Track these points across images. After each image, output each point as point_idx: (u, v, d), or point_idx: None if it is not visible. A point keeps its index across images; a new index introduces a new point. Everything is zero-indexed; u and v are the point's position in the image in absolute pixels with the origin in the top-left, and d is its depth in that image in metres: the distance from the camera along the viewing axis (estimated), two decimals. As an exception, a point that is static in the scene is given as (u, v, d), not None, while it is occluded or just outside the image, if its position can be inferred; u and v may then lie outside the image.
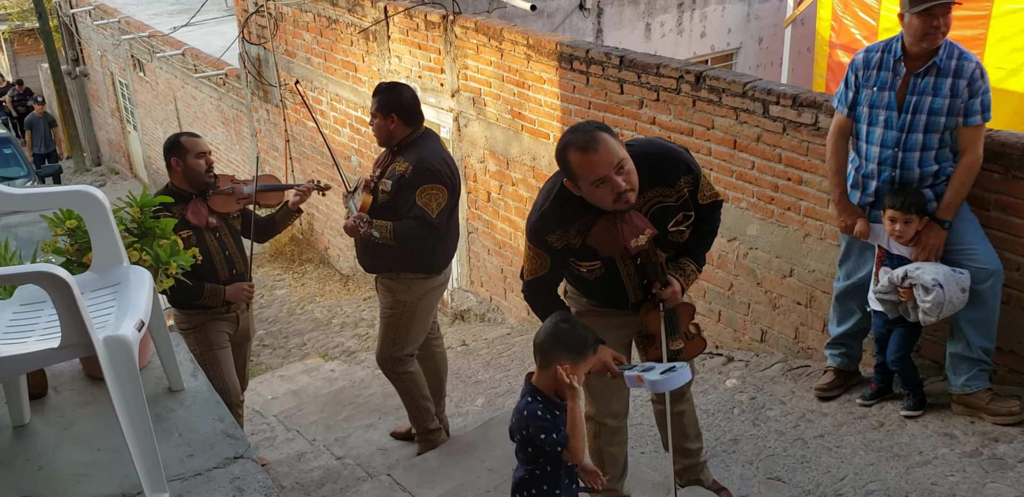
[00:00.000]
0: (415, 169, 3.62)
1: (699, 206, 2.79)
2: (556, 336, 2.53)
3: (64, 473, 2.44)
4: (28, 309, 2.59)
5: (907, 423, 3.58)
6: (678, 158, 2.71)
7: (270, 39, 8.40)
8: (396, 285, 3.86)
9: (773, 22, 9.30)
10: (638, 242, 2.66)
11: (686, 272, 2.83)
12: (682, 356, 2.98)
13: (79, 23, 15.17)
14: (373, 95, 3.76)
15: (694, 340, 3.04)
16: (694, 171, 2.72)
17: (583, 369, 2.53)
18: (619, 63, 4.98)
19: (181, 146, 3.89)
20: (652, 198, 2.68)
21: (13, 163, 11.28)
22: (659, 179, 2.66)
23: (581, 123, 2.69)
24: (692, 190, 2.73)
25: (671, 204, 2.70)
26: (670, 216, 2.72)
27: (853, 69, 3.60)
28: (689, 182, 2.70)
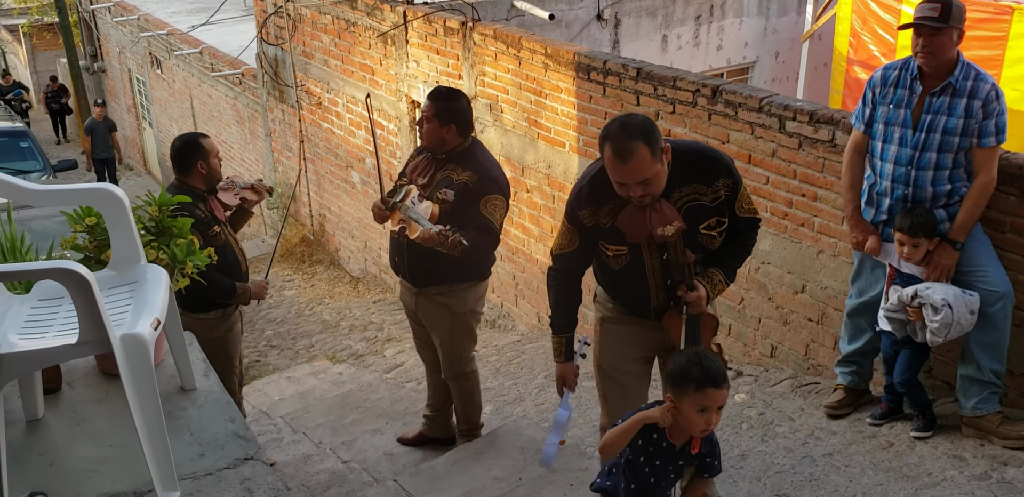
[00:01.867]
0: (480, 179, 3.61)
1: (736, 218, 2.81)
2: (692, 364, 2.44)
3: (76, 469, 2.45)
4: (46, 304, 2.60)
5: (917, 444, 3.57)
6: (720, 160, 2.77)
7: (288, 40, 8.44)
8: (451, 300, 3.81)
9: (790, 37, 9.31)
10: (665, 231, 2.69)
11: (713, 281, 2.82)
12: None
13: (98, 19, 15.26)
14: (430, 98, 3.69)
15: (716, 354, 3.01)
16: (734, 177, 2.75)
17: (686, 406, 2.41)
18: (636, 75, 4.99)
19: (203, 148, 3.90)
20: (688, 194, 2.71)
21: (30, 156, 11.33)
22: (697, 176, 2.70)
23: (633, 118, 2.67)
24: (729, 196, 2.75)
25: (706, 204, 2.72)
26: (703, 217, 2.74)
27: (871, 86, 3.62)
28: (728, 186, 2.72)
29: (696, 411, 2.39)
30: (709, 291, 2.79)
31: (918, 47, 3.40)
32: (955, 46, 3.40)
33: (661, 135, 2.65)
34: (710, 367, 2.40)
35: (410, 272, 3.83)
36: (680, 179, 2.68)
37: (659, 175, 2.62)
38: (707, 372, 2.38)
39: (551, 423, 3.10)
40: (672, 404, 2.42)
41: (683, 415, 2.42)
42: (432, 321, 3.92)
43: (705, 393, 2.37)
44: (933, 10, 3.35)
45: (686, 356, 2.47)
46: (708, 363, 2.40)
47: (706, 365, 2.39)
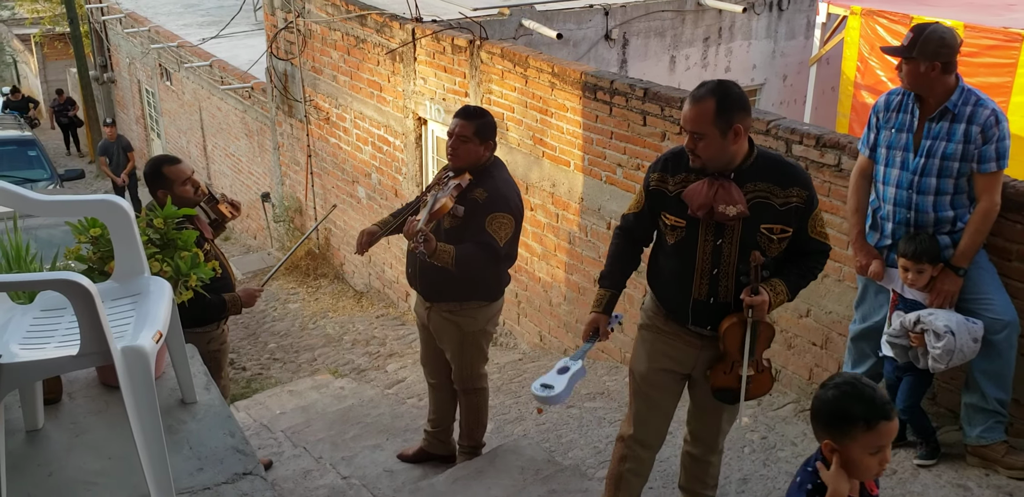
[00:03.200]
0: (491, 196, 3.63)
1: (807, 238, 2.83)
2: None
3: (74, 480, 2.43)
4: (48, 315, 2.60)
5: (920, 472, 3.54)
6: (801, 171, 2.83)
7: (298, 55, 8.49)
8: (461, 318, 3.82)
9: (798, 60, 9.34)
10: (726, 210, 2.71)
11: (776, 290, 2.80)
12: (752, 389, 2.92)
13: (109, 30, 15.37)
14: (465, 118, 3.69)
15: (763, 374, 2.94)
16: (810, 191, 2.78)
17: (855, 451, 1.98)
18: (643, 95, 5.00)
19: (164, 177, 3.79)
20: (759, 190, 2.75)
21: (37, 165, 11.37)
22: (773, 177, 2.75)
23: (730, 83, 2.74)
24: (801, 209, 2.76)
25: (774, 205, 2.75)
26: (767, 216, 2.75)
27: (875, 111, 3.64)
28: (802, 198, 2.75)
29: (869, 453, 1.96)
30: (772, 299, 2.77)
31: (901, 73, 3.45)
32: (928, 76, 3.38)
33: (745, 116, 2.69)
34: (872, 396, 1.97)
35: (421, 286, 3.85)
36: (756, 175, 2.75)
37: (715, 142, 2.68)
38: (872, 404, 1.95)
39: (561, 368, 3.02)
40: (836, 454, 1.99)
41: (852, 462, 1.98)
42: (442, 337, 3.93)
43: (878, 430, 1.94)
44: (906, 39, 3.42)
45: (833, 389, 2.02)
46: (868, 392, 1.98)
47: (867, 394, 1.97)
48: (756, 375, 2.91)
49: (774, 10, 9.12)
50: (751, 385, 2.90)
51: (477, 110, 3.79)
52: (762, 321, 2.81)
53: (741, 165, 2.75)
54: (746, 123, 2.69)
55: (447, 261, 3.55)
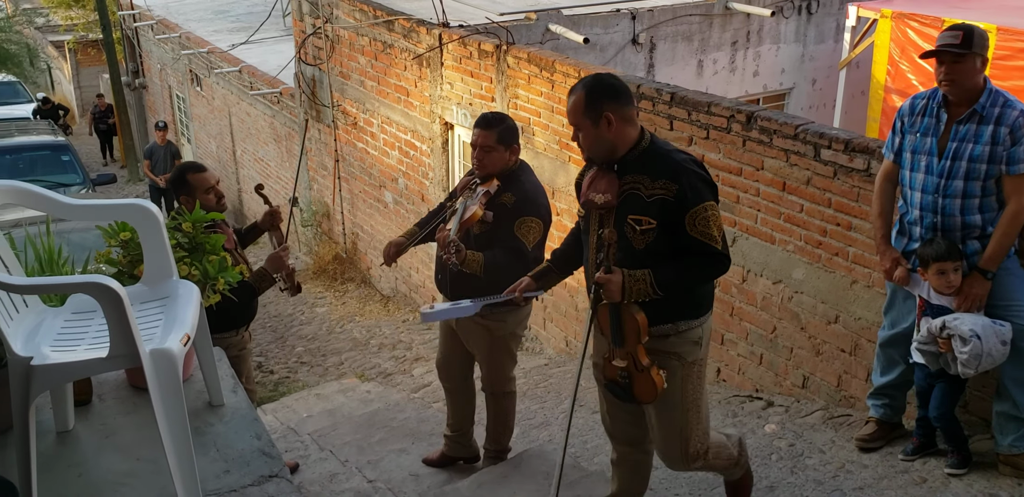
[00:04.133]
0: (518, 200, 3.64)
1: (686, 236, 2.74)
2: None
3: (103, 481, 2.46)
4: (79, 317, 2.64)
5: (951, 481, 3.49)
6: (678, 165, 2.76)
7: (326, 61, 8.55)
8: (490, 322, 3.82)
9: (828, 64, 9.26)
10: (593, 198, 2.78)
11: (636, 276, 2.74)
12: (634, 390, 2.86)
13: (141, 36, 15.58)
14: (485, 127, 3.69)
15: (643, 374, 2.83)
16: (680, 185, 2.71)
17: None
18: (670, 99, 4.99)
19: (188, 184, 3.85)
20: (634, 181, 2.78)
21: (70, 170, 11.55)
22: (647, 168, 2.77)
23: (601, 75, 2.85)
24: (669, 202, 2.70)
25: (641, 195, 2.75)
26: (634, 207, 2.76)
27: (900, 115, 3.61)
28: (670, 190, 2.70)
29: None
30: (627, 282, 2.72)
31: (940, 75, 3.40)
32: (979, 73, 3.38)
33: (617, 105, 2.74)
34: None
35: (452, 292, 3.85)
36: (637, 166, 2.78)
37: (590, 132, 2.76)
38: None
39: None
40: None
41: None
42: (471, 340, 3.94)
43: None
44: (954, 37, 3.35)
45: None
46: None
47: None
48: (634, 372, 2.84)
49: (803, 14, 9.06)
50: (631, 382, 2.85)
51: (495, 117, 3.79)
52: (625, 309, 2.77)
53: (626, 156, 2.78)
54: (620, 112, 2.74)
55: (475, 269, 3.59)
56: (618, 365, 2.86)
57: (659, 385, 2.84)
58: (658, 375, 2.85)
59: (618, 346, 2.85)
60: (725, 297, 4.92)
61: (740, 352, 4.91)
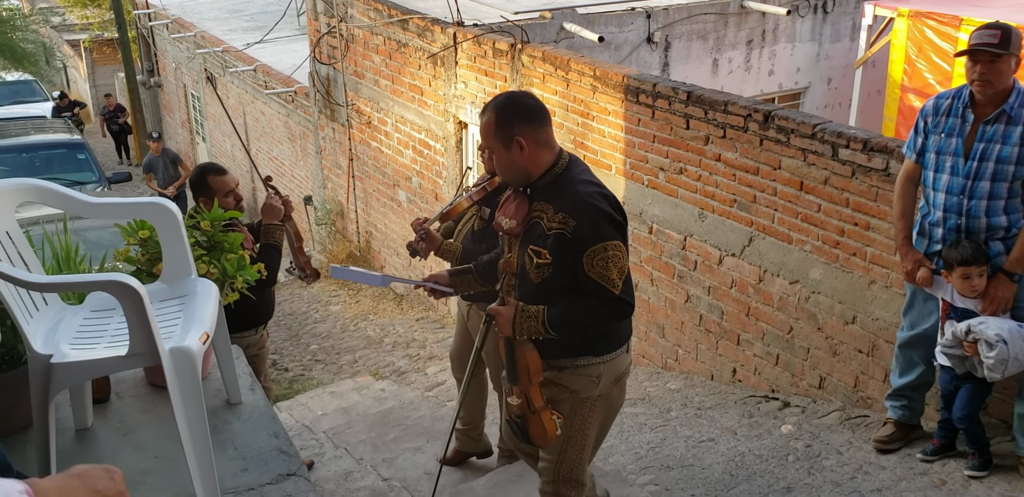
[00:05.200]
0: None
1: (582, 277, 2.54)
2: None
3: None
4: (98, 316, 2.64)
5: (971, 483, 3.46)
6: (580, 199, 2.55)
7: (340, 60, 8.56)
8: None
9: (843, 63, 9.21)
10: (501, 222, 2.71)
11: (529, 312, 2.58)
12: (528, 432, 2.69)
13: (156, 35, 15.64)
14: None
15: (536, 416, 2.66)
16: (578, 221, 2.51)
17: None
18: (686, 98, 4.97)
19: (207, 186, 3.86)
20: (540, 210, 2.61)
21: (86, 168, 11.60)
22: (553, 198, 2.59)
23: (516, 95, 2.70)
24: (565, 238, 2.52)
25: (542, 226, 2.58)
26: (535, 237, 2.59)
27: (923, 115, 3.57)
28: (567, 226, 2.51)
29: None
30: (518, 317, 2.57)
31: (974, 74, 3.35)
32: (1012, 73, 3.34)
33: (530, 128, 2.55)
34: None
35: None
36: (546, 194, 2.61)
37: (501, 155, 2.60)
38: None
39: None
40: None
41: None
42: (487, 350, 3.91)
43: None
44: (992, 36, 3.30)
45: None
46: None
47: None
48: (528, 413, 2.67)
49: (818, 12, 9.01)
50: (527, 424, 2.68)
51: None
52: (519, 344, 2.61)
53: (539, 181, 2.61)
54: (534, 135, 2.55)
55: (451, 259, 3.63)
56: (512, 403, 2.70)
57: (551, 431, 2.67)
58: (551, 420, 2.68)
59: (512, 383, 2.69)
60: (741, 297, 4.90)
61: (756, 352, 4.89)
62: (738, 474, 3.85)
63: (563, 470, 2.85)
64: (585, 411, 2.76)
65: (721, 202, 4.91)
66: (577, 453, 2.83)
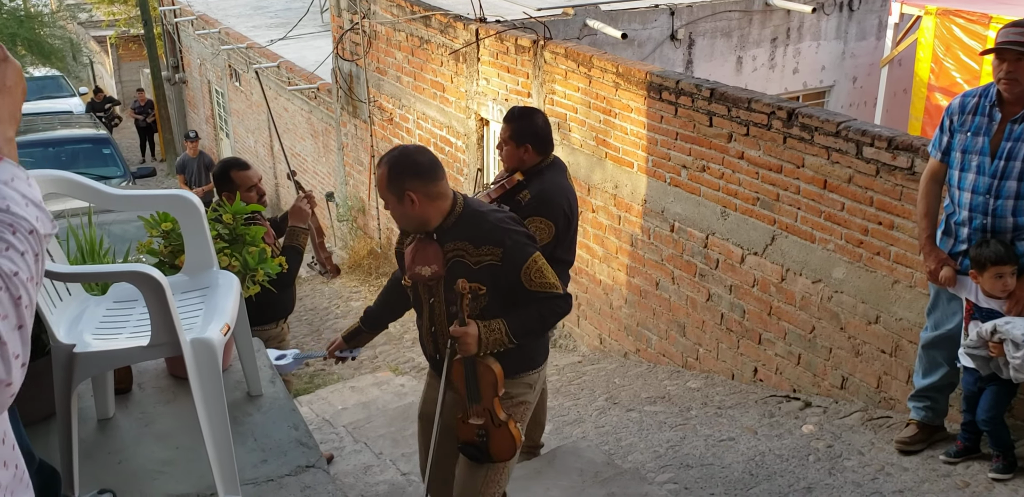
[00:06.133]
0: (533, 199, 3.56)
1: (527, 293, 2.69)
2: None
3: (143, 469, 2.49)
4: (120, 306, 2.66)
5: (995, 486, 3.42)
6: (498, 229, 2.68)
7: (363, 56, 8.59)
8: None
9: (869, 61, 9.13)
10: (420, 271, 2.73)
11: (492, 327, 2.66)
12: (491, 449, 2.78)
13: (181, 32, 15.76)
14: (505, 121, 3.67)
15: (501, 430, 2.76)
16: (504, 248, 2.65)
17: None
18: (709, 95, 4.94)
19: (231, 181, 3.88)
20: (457, 249, 2.70)
21: (111, 163, 11.71)
22: (468, 235, 2.69)
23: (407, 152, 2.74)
24: (497, 266, 2.65)
25: (468, 263, 2.68)
26: (463, 276, 2.66)
27: (949, 114, 3.53)
28: (496, 255, 2.64)
29: None
30: (483, 333, 2.64)
31: (1001, 73, 3.31)
32: None
33: (421, 183, 2.64)
34: None
35: None
36: (456, 233, 2.70)
37: (395, 207, 2.68)
38: None
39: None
40: None
41: None
42: None
43: None
44: (1019, 34, 3.25)
45: None
46: None
47: None
48: (492, 428, 2.76)
49: (844, 10, 8.93)
50: (489, 440, 2.78)
51: (515, 112, 3.72)
52: (480, 361, 2.69)
53: (443, 224, 2.71)
54: (424, 190, 2.64)
55: None
56: (475, 423, 2.77)
57: (518, 439, 2.79)
58: (516, 428, 2.79)
59: (475, 403, 2.75)
60: (763, 296, 4.87)
61: (778, 352, 4.86)
62: (758, 473, 3.83)
63: (488, 491, 2.91)
64: (516, 416, 2.88)
65: (744, 200, 4.88)
66: (504, 469, 2.91)
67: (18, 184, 1.22)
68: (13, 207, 1.19)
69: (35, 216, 1.22)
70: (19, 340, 1.10)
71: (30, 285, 1.15)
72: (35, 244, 1.19)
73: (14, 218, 1.18)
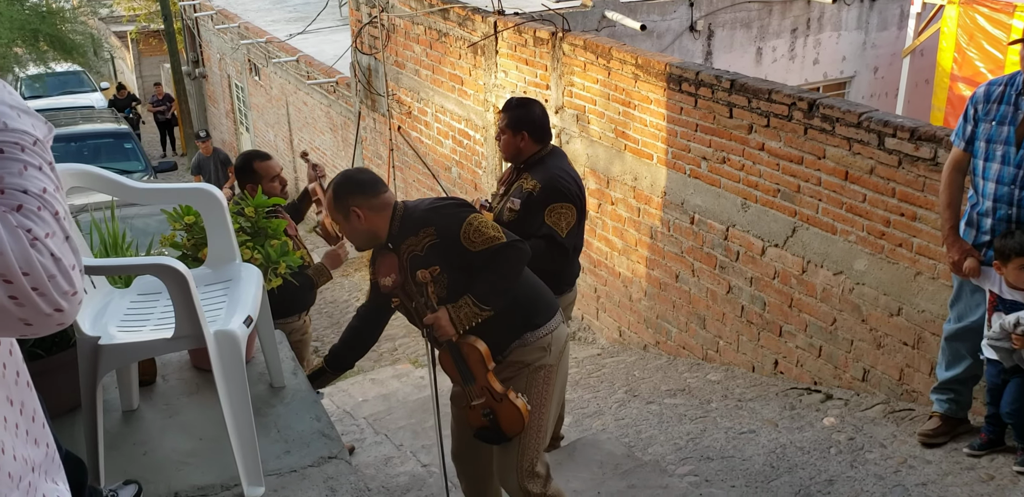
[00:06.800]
0: (544, 187, 3.55)
1: (474, 256, 2.77)
2: None
3: (167, 460, 2.51)
4: (144, 299, 2.69)
5: (1020, 479, 3.39)
6: (422, 213, 2.85)
7: (381, 50, 8.59)
8: None
9: (891, 51, 9.05)
10: (384, 282, 2.88)
11: (457, 304, 2.76)
12: (501, 425, 2.84)
13: (201, 27, 15.83)
14: (503, 110, 3.72)
15: (504, 403, 2.82)
16: (435, 225, 2.79)
17: None
18: (730, 86, 4.91)
19: (254, 171, 3.90)
20: (409, 246, 2.83)
21: (133, 158, 11.82)
22: (409, 230, 2.83)
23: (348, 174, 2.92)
24: (438, 243, 2.77)
25: (418, 253, 2.81)
26: (417, 265, 2.81)
27: (973, 102, 3.48)
28: (431, 234, 2.78)
29: None
30: (452, 313, 2.75)
31: None
32: None
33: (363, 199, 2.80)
34: None
35: None
36: (400, 235, 2.85)
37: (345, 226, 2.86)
38: None
39: None
40: None
41: None
42: None
43: None
44: None
45: None
46: None
47: None
48: (495, 404, 2.83)
49: (865, 1, 8.85)
50: (497, 418, 2.84)
51: (512, 102, 3.77)
52: (463, 342, 2.78)
53: (390, 231, 2.86)
54: (368, 204, 2.81)
55: None
56: (478, 404, 2.85)
57: (523, 410, 2.84)
58: (518, 399, 2.85)
59: (470, 384, 2.84)
60: (784, 288, 4.84)
61: (799, 344, 4.84)
62: (779, 466, 3.82)
63: (525, 462, 2.95)
64: (540, 381, 2.91)
65: (764, 192, 4.85)
66: (535, 436, 2.93)
67: (3, 95, 1.18)
68: (11, 123, 1.15)
69: (30, 124, 1.18)
70: (70, 251, 1.12)
71: (58, 195, 1.15)
72: (44, 153, 1.17)
73: (17, 135, 1.15)
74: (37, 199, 1.11)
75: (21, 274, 1.05)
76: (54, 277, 1.08)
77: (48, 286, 1.08)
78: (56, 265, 1.09)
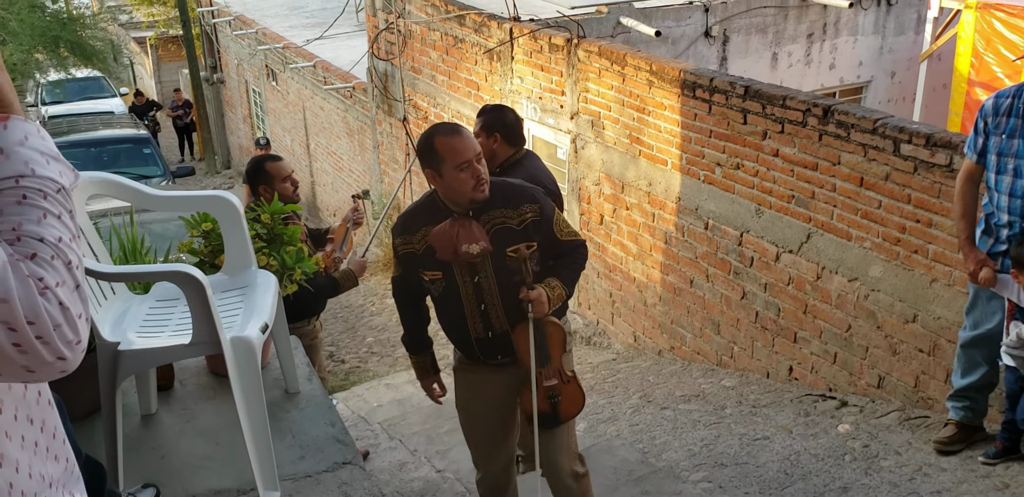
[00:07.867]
0: None
1: (558, 241, 2.87)
2: None
3: (184, 464, 2.55)
4: (163, 305, 2.73)
5: (1035, 486, 3.38)
6: (524, 187, 2.88)
7: (398, 55, 8.64)
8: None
9: (908, 56, 9.00)
10: (470, 249, 2.74)
11: (551, 285, 2.82)
12: (561, 408, 2.86)
13: (219, 32, 15.95)
14: (477, 116, 3.81)
15: (571, 385, 2.88)
16: (541, 203, 2.82)
17: None
18: (744, 93, 4.91)
19: (266, 173, 3.93)
20: (495, 217, 2.78)
21: (151, 163, 11.92)
22: (502, 202, 2.79)
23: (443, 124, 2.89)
24: (538, 221, 2.80)
25: (511, 226, 2.78)
26: (510, 240, 2.77)
27: (983, 115, 3.46)
28: (535, 211, 2.79)
29: None
30: (549, 294, 2.78)
31: None
32: None
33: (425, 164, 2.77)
34: None
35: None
36: (489, 205, 2.78)
37: (483, 140, 2.99)
38: None
39: None
40: None
41: None
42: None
43: None
44: None
45: None
46: None
47: None
48: (563, 386, 2.87)
49: (882, 5, 8.82)
50: (561, 398, 2.87)
51: (485, 107, 3.89)
52: (548, 321, 2.81)
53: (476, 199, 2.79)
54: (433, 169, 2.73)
55: None
56: (549, 385, 2.86)
57: (584, 394, 2.93)
58: (580, 383, 2.94)
59: (545, 365, 2.85)
60: (799, 294, 4.84)
61: (813, 350, 4.83)
62: (793, 473, 3.81)
63: (573, 443, 3.05)
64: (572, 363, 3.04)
65: (779, 198, 4.85)
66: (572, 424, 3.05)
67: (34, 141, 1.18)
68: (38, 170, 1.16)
69: (58, 171, 1.19)
70: (79, 300, 1.14)
71: (74, 245, 1.16)
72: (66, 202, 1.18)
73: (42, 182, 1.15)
74: (52, 248, 1.12)
75: (26, 323, 1.06)
76: (60, 326, 1.09)
77: (53, 335, 1.08)
78: (63, 314, 1.10)
